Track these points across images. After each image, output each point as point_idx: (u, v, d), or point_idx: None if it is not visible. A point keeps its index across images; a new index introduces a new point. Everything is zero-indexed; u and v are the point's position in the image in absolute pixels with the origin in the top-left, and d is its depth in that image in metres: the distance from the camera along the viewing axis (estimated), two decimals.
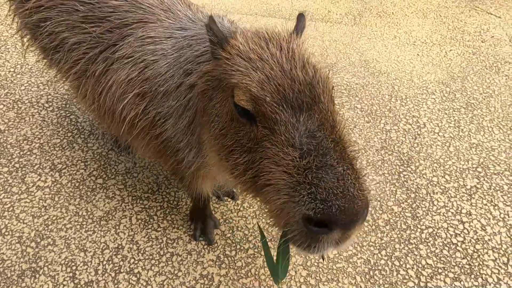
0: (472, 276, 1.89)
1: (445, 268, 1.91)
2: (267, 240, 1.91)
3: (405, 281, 1.86)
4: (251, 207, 2.13)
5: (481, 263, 1.94)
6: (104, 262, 1.85)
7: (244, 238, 1.98)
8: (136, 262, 1.86)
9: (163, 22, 1.44)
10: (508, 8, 4.25)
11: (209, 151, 1.28)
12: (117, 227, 1.99)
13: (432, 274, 1.89)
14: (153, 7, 1.45)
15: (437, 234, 2.06)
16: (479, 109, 2.88)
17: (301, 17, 1.26)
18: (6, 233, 1.93)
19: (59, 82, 1.96)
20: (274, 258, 1.54)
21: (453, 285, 1.85)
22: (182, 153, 1.41)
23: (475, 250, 1.99)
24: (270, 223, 1.13)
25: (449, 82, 3.14)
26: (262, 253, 1.91)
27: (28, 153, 2.34)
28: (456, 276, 1.88)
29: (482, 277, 1.88)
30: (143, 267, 1.84)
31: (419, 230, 2.08)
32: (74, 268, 1.82)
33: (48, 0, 1.53)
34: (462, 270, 1.91)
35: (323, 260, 1.88)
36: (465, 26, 3.91)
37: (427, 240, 2.03)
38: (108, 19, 1.43)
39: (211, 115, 1.18)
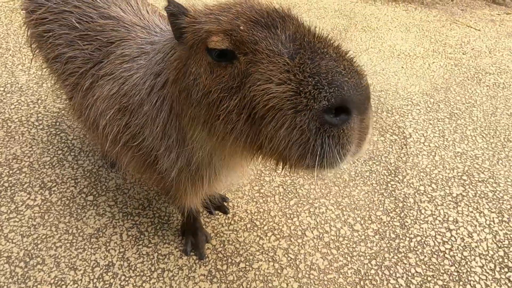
0: (461, 283, 1.91)
1: (434, 276, 1.94)
2: None
3: None
4: (242, 220, 2.14)
5: (469, 269, 1.97)
6: (95, 280, 1.83)
7: (236, 252, 1.99)
8: (127, 279, 1.85)
9: (138, 39, 1.49)
10: (487, 21, 4.42)
11: (195, 130, 1.23)
12: (107, 244, 1.99)
13: (421, 282, 1.91)
14: (134, 25, 1.51)
15: (426, 242, 2.09)
16: (463, 118, 2.97)
17: None
18: None
19: (57, 90, 2.04)
20: None
21: None
22: (162, 161, 1.41)
23: (463, 257, 2.03)
24: (288, 168, 1.02)
25: (432, 93, 3.24)
26: (254, 266, 1.92)
27: (18, 171, 2.34)
28: (445, 283, 1.91)
29: (470, 284, 1.91)
30: (134, 284, 1.83)
31: (408, 238, 2.11)
32: (64, 287, 1.80)
33: (52, 13, 1.60)
34: (451, 278, 1.94)
35: None
36: (446, 39, 4.05)
37: (416, 249, 2.06)
38: (97, 37, 1.49)
39: (189, 86, 1.15)
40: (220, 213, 2.18)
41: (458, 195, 2.37)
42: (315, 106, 0.86)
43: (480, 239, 2.12)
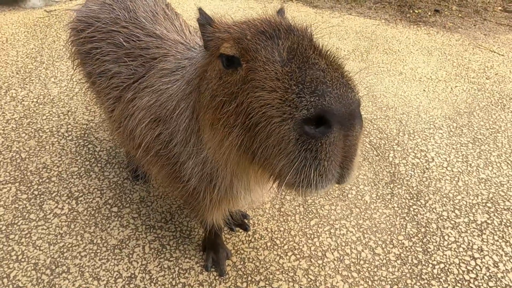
0: None
1: None
2: None
3: None
4: (263, 238, 2.15)
5: None
6: None
7: (256, 270, 1.99)
8: None
9: (178, 55, 1.57)
10: (511, 46, 4.39)
11: (205, 133, 1.26)
12: (130, 256, 2.02)
13: None
14: (177, 43, 1.59)
15: (449, 270, 2.05)
16: (487, 144, 2.93)
17: (281, 12, 1.34)
18: (23, 260, 1.97)
19: (95, 104, 2.14)
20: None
21: None
22: (185, 168, 1.44)
23: None
24: (277, 186, 0.99)
25: (455, 117, 3.22)
26: (273, 285, 1.92)
27: (47, 180, 2.42)
28: None
29: None
30: None
31: (430, 265, 2.07)
32: None
33: (101, 32, 1.71)
34: None
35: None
36: (469, 63, 4.03)
37: (439, 276, 2.02)
38: (142, 54, 1.58)
39: (203, 90, 1.20)
40: (240, 230, 2.19)
41: (482, 222, 2.32)
42: (295, 115, 0.84)
43: (506, 269, 2.06)
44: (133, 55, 1.60)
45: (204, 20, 1.26)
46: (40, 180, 2.42)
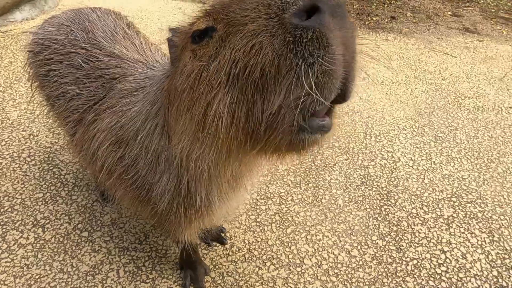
0: None
1: None
2: None
3: None
4: (240, 250, 2.14)
5: None
6: None
7: (235, 283, 1.97)
8: None
9: (137, 74, 1.54)
10: (462, 48, 4.69)
11: (181, 128, 1.11)
12: (104, 282, 1.94)
13: None
14: (136, 62, 1.58)
15: (422, 265, 2.13)
16: (447, 141, 3.09)
17: None
18: None
19: (56, 127, 2.06)
20: None
21: None
22: (156, 189, 1.38)
23: (459, 279, 2.06)
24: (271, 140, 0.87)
25: (417, 117, 3.38)
26: None
27: (9, 209, 2.29)
28: None
29: None
30: None
31: (404, 262, 2.14)
32: None
33: (58, 54, 1.66)
34: None
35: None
36: (426, 65, 4.26)
37: (413, 272, 2.09)
38: (102, 75, 1.54)
39: (176, 81, 1.08)
40: (218, 244, 2.17)
41: (449, 216, 2.43)
42: (285, 16, 0.77)
43: (473, 259, 2.17)
44: (92, 76, 1.57)
45: (173, 35, 1.18)
46: (2, 210, 2.29)
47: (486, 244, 2.26)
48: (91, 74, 1.57)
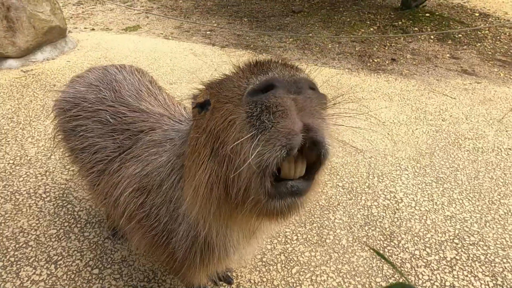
0: None
1: None
2: None
3: None
4: None
5: None
6: None
7: None
8: None
9: (165, 127, 1.68)
10: (461, 90, 4.87)
11: (186, 186, 1.22)
12: None
13: None
14: (162, 116, 1.72)
15: None
16: (448, 182, 3.17)
17: None
18: None
19: (79, 177, 2.18)
20: None
21: None
22: (176, 237, 1.45)
23: None
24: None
25: (418, 158, 3.48)
26: None
27: (24, 245, 2.38)
28: None
29: None
30: None
31: None
32: None
33: (87, 111, 1.81)
34: None
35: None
36: (426, 106, 4.42)
37: None
38: (129, 128, 1.69)
39: (186, 149, 1.21)
40: (224, 284, 2.22)
41: (452, 259, 2.47)
42: (244, 94, 0.86)
43: None
44: (119, 130, 1.71)
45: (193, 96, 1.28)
46: (17, 246, 2.37)
47: None
48: (118, 128, 1.72)
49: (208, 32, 6.77)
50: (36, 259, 2.30)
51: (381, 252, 2.48)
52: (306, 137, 0.82)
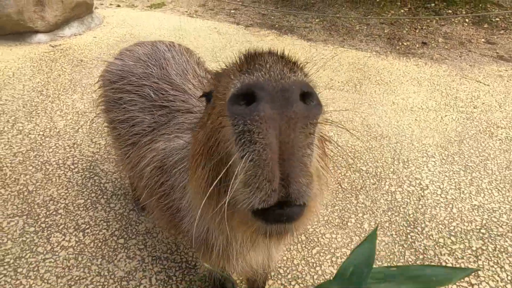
0: None
1: None
2: None
3: None
4: None
5: None
6: None
7: None
8: None
9: (199, 114, 1.67)
10: (495, 76, 4.64)
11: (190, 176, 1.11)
12: None
13: None
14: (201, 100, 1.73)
15: None
16: (477, 171, 3.06)
17: None
18: None
19: (112, 148, 2.19)
20: None
21: None
22: (185, 223, 1.43)
23: None
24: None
25: (446, 145, 3.36)
26: None
27: (54, 213, 2.48)
28: None
29: None
30: None
31: None
32: None
33: (133, 85, 1.84)
34: None
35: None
36: (457, 93, 4.24)
37: None
38: (168, 106, 1.70)
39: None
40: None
41: (477, 248, 2.40)
42: (227, 100, 0.74)
43: None
44: (158, 106, 1.73)
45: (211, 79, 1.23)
46: (47, 213, 2.47)
47: None
48: (158, 104, 1.73)
49: (232, 11, 6.67)
50: (65, 226, 2.39)
51: (404, 238, 2.45)
52: (285, 191, 0.71)
